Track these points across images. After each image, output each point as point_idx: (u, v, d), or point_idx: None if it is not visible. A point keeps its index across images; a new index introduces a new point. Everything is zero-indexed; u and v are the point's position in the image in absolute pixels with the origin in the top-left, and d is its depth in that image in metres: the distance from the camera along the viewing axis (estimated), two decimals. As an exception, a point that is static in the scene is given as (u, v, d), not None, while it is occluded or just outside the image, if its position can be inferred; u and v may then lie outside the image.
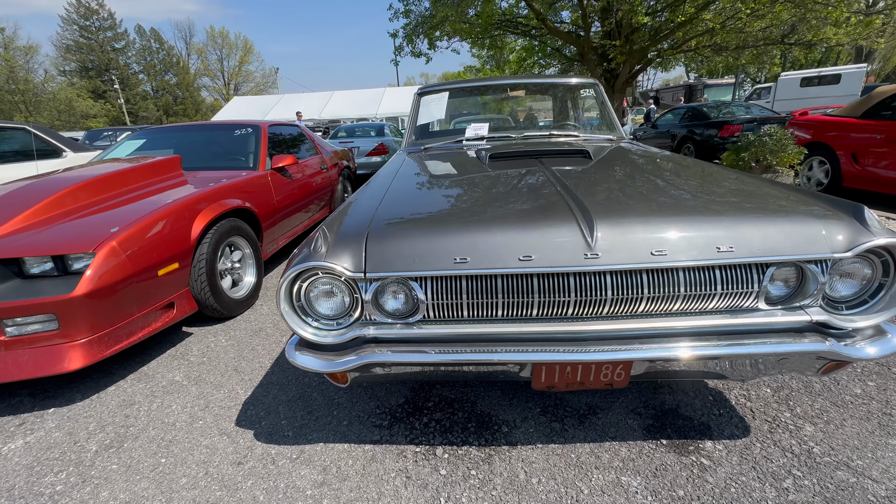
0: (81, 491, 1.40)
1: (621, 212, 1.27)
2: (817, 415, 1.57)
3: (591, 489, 1.31)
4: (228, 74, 54.55)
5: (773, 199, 1.37)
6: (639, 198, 1.42)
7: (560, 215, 1.26)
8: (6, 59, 28.91)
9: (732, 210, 1.28)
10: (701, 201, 1.39)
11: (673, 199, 1.44)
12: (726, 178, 1.65)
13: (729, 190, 1.52)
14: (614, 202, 1.37)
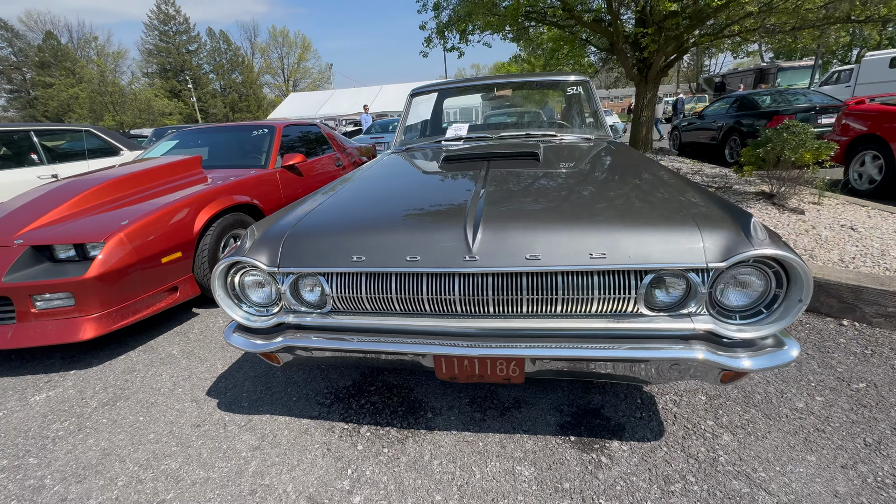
0: (75, 437, 1.72)
1: (506, 217, 1.35)
2: (742, 425, 1.54)
3: (483, 475, 1.41)
4: (288, 71, 57.50)
5: (666, 205, 1.37)
6: (536, 203, 1.47)
7: (450, 219, 1.35)
8: (98, 65, 32.78)
9: (612, 218, 1.31)
10: (587, 208, 1.41)
11: (565, 205, 1.46)
12: (648, 184, 1.62)
13: (629, 196, 1.51)
14: (508, 207, 1.43)
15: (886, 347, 1.94)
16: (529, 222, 1.30)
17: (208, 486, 1.43)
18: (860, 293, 2.16)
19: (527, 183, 1.71)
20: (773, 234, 1.21)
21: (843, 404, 1.61)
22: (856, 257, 2.50)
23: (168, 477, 1.48)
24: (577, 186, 1.65)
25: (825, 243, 2.74)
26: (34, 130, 4.36)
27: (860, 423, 1.51)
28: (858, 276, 2.23)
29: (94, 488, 1.45)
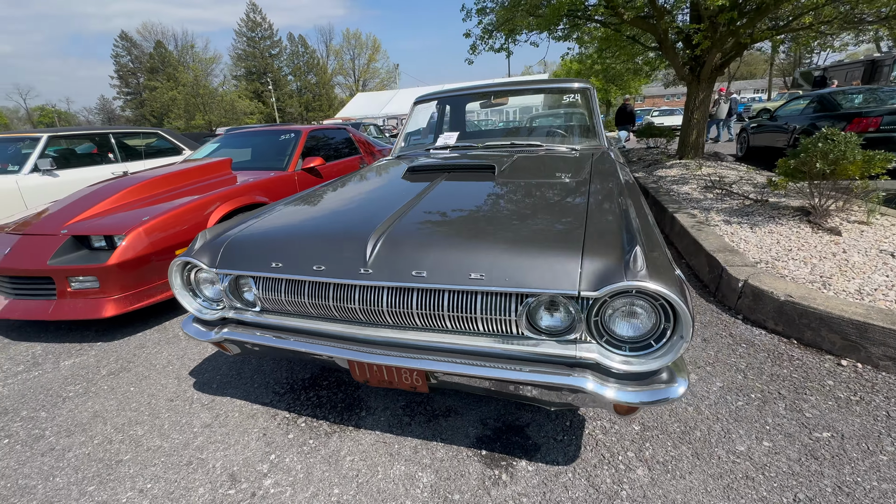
0: (80, 399, 2.05)
1: (404, 233, 1.40)
2: (664, 461, 1.46)
3: (385, 476, 1.48)
4: (358, 72, 60.26)
5: (569, 228, 1.35)
6: (441, 220, 1.50)
7: (359, 233, 1.43)
8: (192, 70, 36.99)
9: (497, 240, 1.31)
10: (480, 228, 1.41)
11: (461, 224, 1.48)
12: (573, 205, 1.57)
13: (541, 217, 1.49)
14: (413, 223, 1.48)
15: (881, 395, 1.70)
16: (422, 239, 1.35)
17: (158, 454, 1.66)
18: (866, 331, 1.91)
19: (459, 198, 1.74)
20: (659, 265, 1.14)
21: (791, 453, 1.46)
22: (879, 289, 2.18)
23: (132, 441, 1.74)
24: (499, 204, 1.66)
25: (849, 270, 2.41)
26: (112, 133, 5.10)
27: (801, 476, 1.37)
28: (868, 312, 1.96)
29: (75, 443, 1.75)
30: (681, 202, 4.43)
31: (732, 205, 4.03)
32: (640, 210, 1.56)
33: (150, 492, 1.48)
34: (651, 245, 1.24)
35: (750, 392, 1.78)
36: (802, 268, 2.52)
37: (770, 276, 2.42)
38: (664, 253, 1.23)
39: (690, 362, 2.01)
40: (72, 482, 1.54)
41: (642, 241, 1.21)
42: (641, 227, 1.35)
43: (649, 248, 1.21)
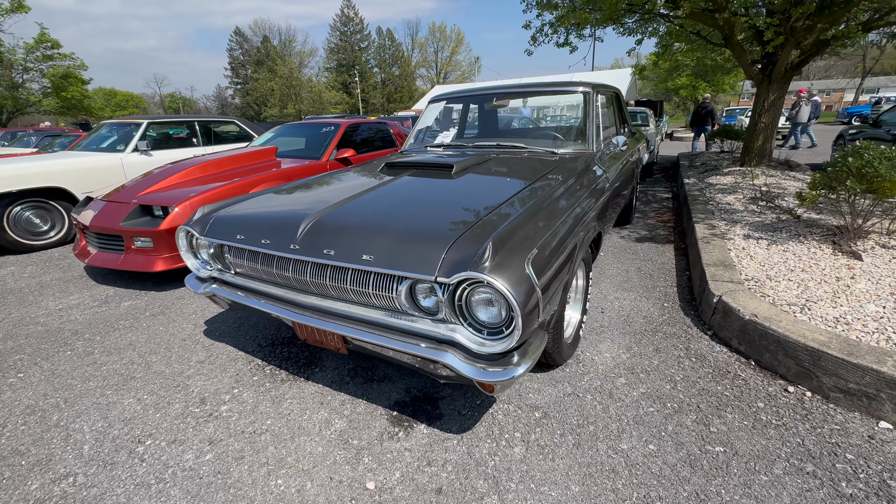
0: (125, 332, 2.64)
1: (329, 217, 1.67)
2: (543, 445, 1.59)
3: (309, 417, 1.79)
4: (440, 64, 61.31)
5: (459, 222, 1.52)
6: (365, 211, 1.75)
7: (296, 215, 1.74)
8: (288, 63, 40.69)
9: (393, 229, 1.53)
10: (382, 217, 1.64)
11: (374, 211, 1.72)
12: (483, 204, 1.71)
13: (446, 211, 1.69)
14: (343, 211, 1.74)
15: (807, 425, 1.64)
16: (338, 224, 1.62)
17: (160, 377, 2.14)
18: (819, 359, 1.81)
19: (400, 193, 1.97)
20: (507, 263, 1.29)
21: (670, 459, 1.50)
22: (863, 319, 2.01)
23: (146, 365, 2.25)
24: (425, 198, 1.87)
25: (843, 297, 2.22)
26: (197, 121, 6.02)
27: (665, 479, 1.42)
28: (829, 340, 1.84)
29: (110, 361, 2.30)
30: (713, 212, 4.17)
31: (767, 219, 3.72)
32: (552, 214, 1.67)
33: (144, 401, 1.94)
34: (516, 245, 1.37)
35: (668, 401, 1.80)
36: (792, 289, 2.36)
37: (748, 294, 2.32)
38: (525, 254, 1.35)
39: (629, 368, 2.05)
40: (98, 386, 2.07)
41: (501, 240, 1.35)
42: (524, 229, 1.48)
43: (512, 248, 1.35)
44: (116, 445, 1.67)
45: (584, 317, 2.27)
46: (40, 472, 1.56)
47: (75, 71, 19.57)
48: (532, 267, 1.32)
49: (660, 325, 2.46)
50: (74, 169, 4.59)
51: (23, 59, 18.17)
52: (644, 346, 2.24)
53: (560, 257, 1.56)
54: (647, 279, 3.13)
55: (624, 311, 2.65)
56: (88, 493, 1.45)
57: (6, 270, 3.88)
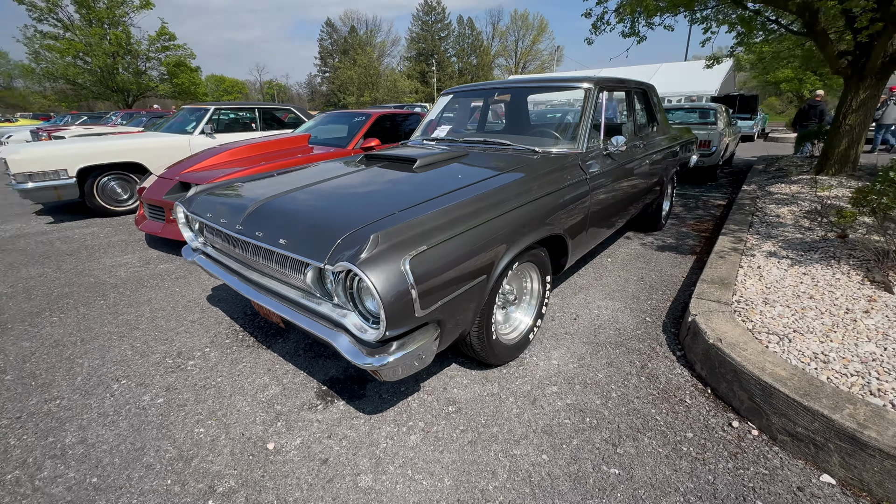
0: (150, 288, 3.09)
1: (271, 204, 1.82)
2: (440, 437, 1.63)
3: (252, 381, 2.00)
4: (520, 54, 59.93)
5: (357, 215, 1.59)
6: (307, 199, 1.87)
7: (248, 199, 1.92)
8: (368, 52, 42.47)
9: (312, 217, 1.64)
10: (311, 205, 1.77)
11: (308, 198, 1.85)
12: (408, 199, 1.76)
13: (369, 203, 1.76)
14: (288, 198, 1.89)
15: (732, 464, 1.49)
16: (274, 210, 1.78)
17: (157, 330, 2.50)
18: (770, 396, 1.62)
19: (354, 183, 2.07)
20: (383, 259, 1.33)
21: (556, 471, 1.47)
22: (849, 359, 1.74)
23: (151, 320, 2.63)
24: (364, 189, 1.96)
25: (841, 332, 1.93)
26: (258, 108, 6.63)
27: (539, 489, 1.40)
28: (790, 376, 1.64)
29: (128, 313, 2.72)
30: (752, 224, 3.74)
31: (810, 237, 3.27)
32: (474, 214, 1.67)
33: (136, 348, 2.30)
34: (402, 243, 1.40)
35: (589, 416, 1.73)
36: (784, 317, 2.09)
37: (726, 317, 2.10)
38: (407, 251, 1.37)
39: (569, 378, 1.98)
40: (109, 332, 2.48)
41: (387, 235, 1.40)
42: (424, 227, 1.51)
43: (397, 244, 1.39)
44: (100, 381, 2.02)
45: (538, 321, 2.22)
46: (41, 392, 1.94)
47: (186, 60, 22.38)
48: (411, 264, 1.36)
49: (629, 339, 2.32)
50: (149, 147, 5.33)
51: (146, 49, 21.24)
52: (598, 358, 2.15)
53: (471, 259, 1.57)
54: (644, 291, 2.93)
55: (599, 320, 2.53)
56: (63, 414, 1.79)
57: (89, 230, 4.67)
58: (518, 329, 2.14)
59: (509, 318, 2.15)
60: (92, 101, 22.04)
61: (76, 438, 1.65)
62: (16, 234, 4.54)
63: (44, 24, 19.35)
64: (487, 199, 1.78)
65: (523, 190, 1.96)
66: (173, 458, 1.55)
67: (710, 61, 7.38)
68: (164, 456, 1.56)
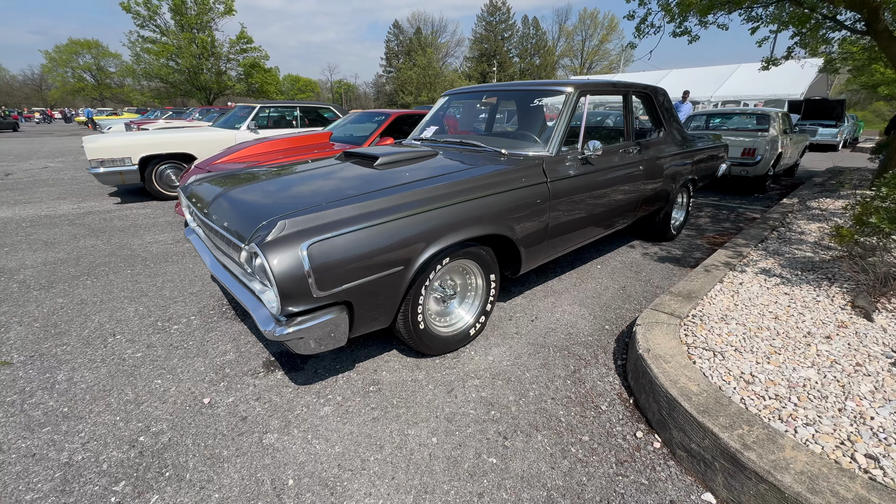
0: (169, 264, 3.54)
1: (231, 192, 2.07)
2: (350, 412, 1.78)
3: (214, 347, 2.27)
4: (586, 54, 57.94)
5: (290, 205, 1.78)
6: (266, 188, 2.09)
7: (216, 188, 2.19)
8: (427, 53, 43.44)
9: (256, 204, 1.86)
10: (262, 196, 1.99)
11: (259, 186, 2.08)
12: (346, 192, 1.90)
13: (314, 193, 1.94)
14: (248, 187, 2.13)
15: (612, 471, 1.50)
16: (231, 197, 2.03)
17: (159, 298, 2.88)
18: (673, 409, 1.59)
19: (315, 176, 2.29)
20: (284, 243, 1.51)
21: (438, 453, 1.56)
22: (774, 383, 1.64)
23: (158, 290, 3.03)
24: (319, 182, 2.15)
25: (786, 355, 1.81)
26: (299, 106, 7.16)
27: (413, 466, 1.51)
28: (700, 391, 1.59)
29: (143, 283, 3.16)
30: (762, 240, 3.48)
31: (821, 256, 2.99)
32: (397, 207, 1.80)
33: (139, 311, 2.68)
34: (307, 231, 1.57)
35: (495, 410, 1.80)
36: (733, 335, 1.99)
37: (667, 329, 2.04)
38: (308, 239, 1.53)
39: (495, 374, 2.04)
40: (125, 296, 2.90)
41: (294, 223, 1.58)
42: (338, 219, 1.66)
43: (301, 232, 1.56)
44: (101, 334, 2.40)
45: (482, 318, 2.29)
46: (55, 338, 2.36)
47: (260, 61, 24.42)
48: (311, 250, 1.52)
49: (577, 344, 2.32)
50: (200, 140, 5.99)
51: (227, 52, 23.51)
52: (535, 358, 2.18)
53: (383, 250, 1.70)
54: (619, 300, 2.87)
55: (556, 324, 2.54)
56: (64, 357, 2.17)
57: (143, 211, 5.37)
58: (457, 324, 2.23)
59: (448, 311, 2.24)
60: (181, 98, 24.77)
61: (66, 377, 2.01)
62: (88, 211, 5.33)
63: (145, 29, 22.22)
64: (414, 196, 1.90)
65: (460, 189, 2.04)
66: (128, 401, 1.85)
67: (767, 63, 6.78)
68: (123, 398, 1.87)
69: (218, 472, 1.48)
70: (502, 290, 3.02)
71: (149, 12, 21.87)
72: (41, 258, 3.61)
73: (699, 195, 6.55)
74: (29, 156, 11.50)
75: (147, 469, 1.50)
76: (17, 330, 2.43)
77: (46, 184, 7.24)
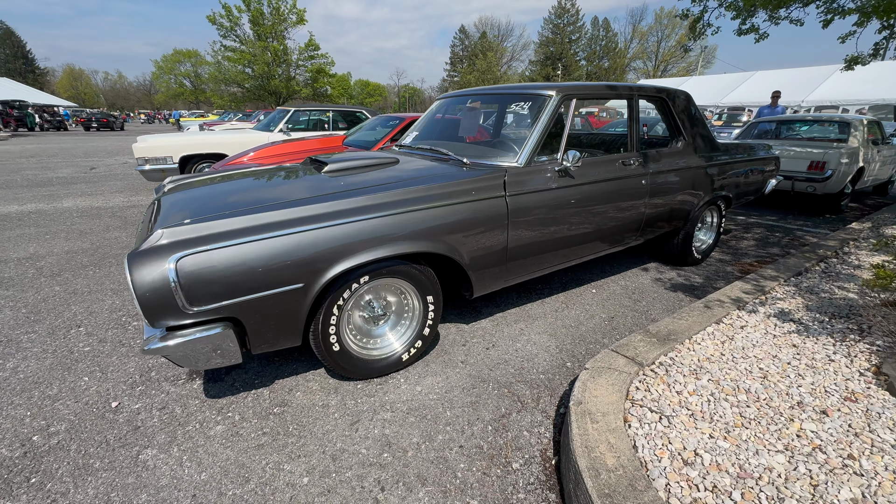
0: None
1: (182, 192, 2.08)
2: (241, 434, 1.67)
3: (158, 347, 2.29)
4: (661, 55, 54.40)
5: (203, 212, 1.71)
6: (209, 191, 2.06)
7: (174, 189, 2.20)
8: (488, 58, 43.02)
9: (170, 207, 1.81)
10: (191, 200, 1.94)
11: (200, 195, 2.03)
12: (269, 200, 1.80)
13: (229, 203, 1.85)
14: (187, 191, 2.11)
15: (488, 549, 1.24)
16: (165, 200, 2.02)
17: (141, 292, 3.01)
18: (578, 485, 1.30)
19: (257, 182, 2.23)
20: (153, 252, 1.43)
21: (305, 498, 1.40)
22: (724, 469, 1.27)
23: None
24: (250, 190, 2.07)
25: (759, 432, 1.41)
26: (331, 109, 7.34)
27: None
28: (613, 466, 1.28)
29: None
30: (802, 273, 2.91)
31: (865, 300, 2.40)
32: (299, 220, 1.66)
33: (113, 305, 2.81)
34: (184, 242, 1.49)
35: (389, 453, 1.59)
36: (697, 394, 1.61)
37: (618, 379, 1.71)
38: (180, 251, 1.45)
39: (413, 408, 1.84)
40: (111, 289, 3.06)
41: (172, 233, 1.50)
42: (229, 229, 1.56)
43: (178, 243, 1.48)
44: (68, 325, 2.53)
45: (417, 342, 2.10)
46: (28, 325, 2.52)
47: (326, 67, 25.80)
48: (182, 262, 1.44)
49: (523, 382, 2.03)
50: (234, 142, 6.33)
51: (297, 59, 25.13)
52: (468, 394, 1.93)
53: (276, 265, 1.58)
54: (599, 333, 2.51)
55: (512, 354, 2.26)
56: (25, 345, 2.30)
57: (177, 206, 5.76)
58: (384, 348, 2.05)
59: (376, 333, 2.07)
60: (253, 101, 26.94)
61: (13, 365, 2.12)
62: (133, 205, 5.83)
63: (227, 39, 24.45)
64: (330, 207, 1.75)
65: (389, 201, 1.87)
66: (48, 396, 1.89)
67: (850, 63, 5.77)
68: (46, 393, 1.92)
69: (78, 485, 1.44)
70: (471, 310, 2.78)
71: (230, 24, 24.07)
72: (68, 247, 3.96)
73: (750, 213, 5.74)
74: (118, 152, 13.00)
75: (20, 472, 1.49)
76: (4, 314, 2.64)
77: (117, 178, 8.09)
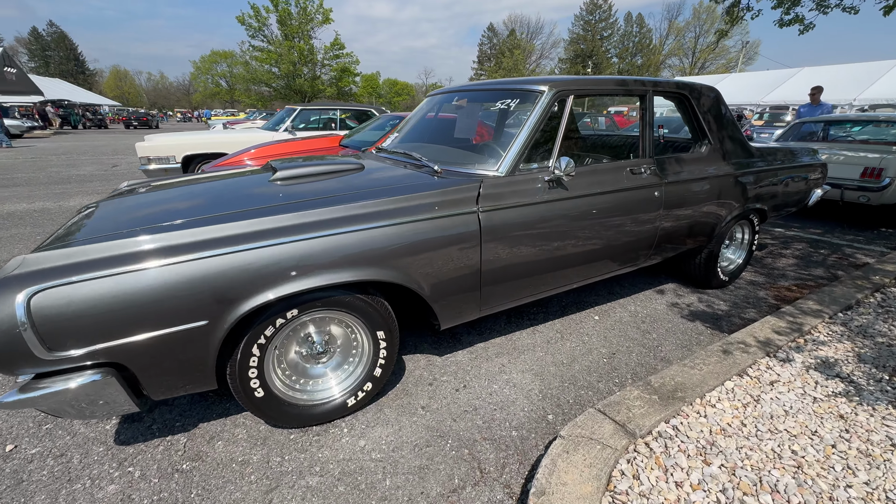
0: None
1: (126, 197, 1.89)
2: (143, 491, 1.39)
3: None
4: (699, 52, 52.02)
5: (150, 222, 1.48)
6: (158, 196, 1.84)
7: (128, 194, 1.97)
8: (514, 55, 42.06)
9: (98, 218, 1.57)
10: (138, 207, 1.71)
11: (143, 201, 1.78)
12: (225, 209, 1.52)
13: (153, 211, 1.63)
14: (145, 193, 1.90)
15: None
16: (100, 207, 1.79)
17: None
18: None
19: (204, 189, 2.00)
20: (12, 284, 1.16)
21: None
22: None
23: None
24: (189, 199, 1.81)
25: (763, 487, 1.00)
26: (339, 108, 7.11)
27: None
28: None
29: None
30: (853, 306, 2.42)
31: None
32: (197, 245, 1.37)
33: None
34: (49, 271, 1.20)
35: None
36: (707, 489, 1.21)
37: (600, 455, 1.32)
38: (34, 284, 1.17)
39: (347, 473, 1.51)
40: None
41: (36, 261, 1.23)
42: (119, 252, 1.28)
43: (40, 273, 1.19)
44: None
45: (366, 384, 1.77)
46: None
47: (350, 66, 25.85)
48: (38, 298, 1.16)
49: (490, 440, 1.67)
50: (236, 141, 6.18)
51: (322, 58, 25.29)
52: (419, 455, 1.59)
53: (166, 299, 1.29)
54: (596, 374, 2.11)
55: (484, 400, 1.90)
56: None
57: (177, 207, 5.66)
58: (321, 392, 1.73)
59: (312, 374, 1.75)
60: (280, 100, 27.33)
61: (-69, 389, 1.93)
62: (135, 205, 5.78)
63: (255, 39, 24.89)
64: (247, 227, 1.45)
65: (328, 218, 1.54)
66: (-53, 432, 1.68)
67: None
68: (-54, 427, 1.71)
69: (-81, 562, 1.19)
70: (449, 337, 2.43)
71: (258, 24, 24.47)
72: (53, 249, 3.86)
73: (790, 224, 5.10)
74: (143, 150, 13.31)
75: None
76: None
77: (136, 176, 8.16)
